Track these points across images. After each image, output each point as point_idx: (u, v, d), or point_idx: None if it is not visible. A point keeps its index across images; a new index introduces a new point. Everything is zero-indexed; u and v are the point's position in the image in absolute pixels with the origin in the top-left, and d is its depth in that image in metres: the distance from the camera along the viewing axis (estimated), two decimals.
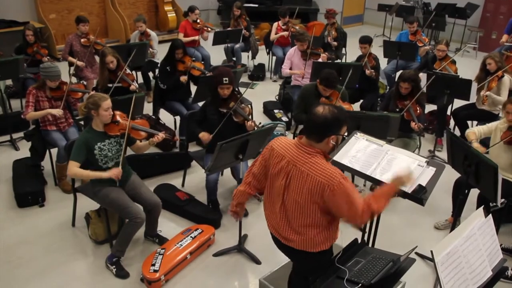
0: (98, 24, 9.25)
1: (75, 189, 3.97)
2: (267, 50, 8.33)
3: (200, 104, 4.81)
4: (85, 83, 6.13)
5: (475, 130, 4.17)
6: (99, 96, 3.51)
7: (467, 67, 6.99)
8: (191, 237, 3.84)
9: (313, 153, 2.38)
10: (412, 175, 2.75)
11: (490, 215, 2.59)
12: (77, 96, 4.70)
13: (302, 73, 6.03)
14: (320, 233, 2.49)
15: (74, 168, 3.44)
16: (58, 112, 4.39)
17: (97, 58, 5.84)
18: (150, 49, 6.71)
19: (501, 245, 3.88)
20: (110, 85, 4.96)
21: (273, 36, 7.94)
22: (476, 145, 3.97)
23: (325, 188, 2.30)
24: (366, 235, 3.37)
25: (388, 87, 6.88)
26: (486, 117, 5.53)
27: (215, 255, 3.85)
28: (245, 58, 8.41)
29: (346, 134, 2.50)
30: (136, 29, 6.86)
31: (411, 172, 2.76)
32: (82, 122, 5.03)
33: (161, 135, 3.72)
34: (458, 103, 5.71)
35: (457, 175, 3.97)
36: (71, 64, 6.47)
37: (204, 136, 4.18)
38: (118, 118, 3.63)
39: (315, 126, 2.36)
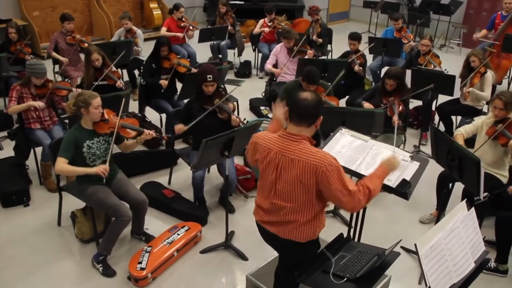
0: (82, 21, 9.17)
1: (61, 188, 3.94)
2: (253, 47, 8.34)
3: (186, 101, 4.80)
4: (69, 81, 6.08)
5: (462, 131, 4.20)
6: (89, 94, 3.48)
7: (451, 63, 7.06)
8: (177, 234, 3.84)
9: (299, 140, 2.44)
10: (397, 158, 2.78)
11: (473, 208, 2.62)
12: (62, 94, 4.66)
13: (278, 73, 6.06)
14: (309, 222, 2.52)
15: (61, 164, 3.40)
16: (39, 104, 4.32)
17: (82, 56, 5.79)
18: (135, 47, 6.68)
19: (484, 237, 3.96)
20: (96, 83, 4.93)
21: (256, 29, 7.95)
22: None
23: (318, 169, 2.35)
24: (352, 230, 3.39)
25: (373, 83, 6.93)
26: (469, 112, 5.60)
27: (202, 252, 3.85)
28: (231, 55, 8.41)
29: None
30: (121, 26, 6.82)
31: (395, 156, 2.80)
32: (67, 121, 4.99)
33: (151, 133, 3.71)
34: (442, 98, 5.77)
35: (441, 169, 4.02)
36: (55, 62, 6.41)
37: (178, 127, 4.15)
38: (107, 116, 3.61)
39: (310, 110, 2.44)
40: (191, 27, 7.43)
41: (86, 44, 6.15)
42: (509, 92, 4.02)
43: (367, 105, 4.81)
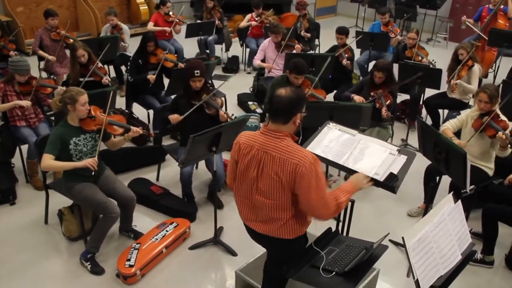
0: (68, 17, 9.05)
1: (47, 186, 3.91)
2: (241, 42, 8.31)
3: (173, 97, 4.77)
4: (55, 78, 6.01)
5: (448, 126, 4.22)
6: (76, 91, 3.44)
7: (438, 56, 7.09)
8: (166, 231, 3.82)
9: (282, 137, 2.42)
10: (368, 179, 2.79)
11: (460, 201, 2.64)
12: (47, 92, 4.61)
13: (269, 67, 6.05)
14: (294, 218, 2.52)
15: (48, 160, 3.37)
16: (26, 103, 4.29)
17: (68, 53, 5.73)
18: (122, 43, 6.62)
19: (471, 230, 4.00)
20: (82, 79, 4.89)
21: (243, 23, 7.92)
22: (457, 141, 4.02)
23: (297, 168, 2.34)
24: (340, 224, 3.40)
25: (361, 77, 6.95)
26: (456, 105, 5.65)
27: (191, 248, 3.84)
28: (219, 50, 8.37)
29: (306, 112, 2.54)
30: (107, 22, 6.75)
31: (367, 176, 2.81)
32: (53, 118, 4.94)
33: (138, 130, 3.68)
34: (429, 92, 5.81)
35: (428, 162, 4.04)
36: (41, 58, 6.33)
37: (173, 117, 4.13)
38: (94, 113, 3.58)
39: (282, 108, 2.41)
40: (181, 22, 7.37)
41: (71, 40, 6.08)
42: (493, 85, 4.06)
43: (357, 98, 4.81)
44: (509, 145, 3.80)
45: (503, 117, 3.95)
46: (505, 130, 3.80)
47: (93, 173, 3.44)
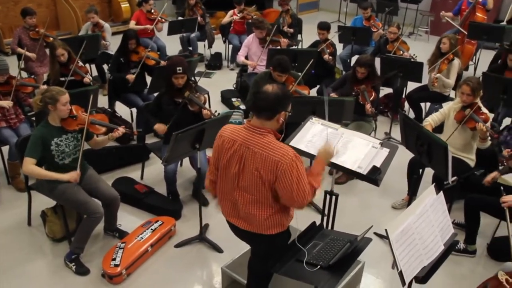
0: (48, 16, 8.91)
1: (29, 187, 3.85)
2: (224, 38, 8.29)
3: (156, 95, 4.74)
4: (35, 78, 5.92)
5: (430, 121, 4.26)
6: (57, 90, 3.39)
7: (420, 50, 7.16)
8: (151, 229, 3.81)
9: (264, 133, 2.42)
10: (331, 146, 2.79)
11: (441, 192, 2.67)
12: (27, 91, 4.55)
13: (253, 65, 6.05)
14: (276, 214, 2.53)
15: (30, 165, 3.32)
16: (8, 104, 4.23)
17: (48, 52, 5.65)
18: (103, 41, 6.55)
19: (454, 220, 4.07)
20: (62, 78, 4.83)
21: (225, 19, 7.90)
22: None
23: (278, 165, 2.35)
24: (325, 218, 3.42)
25: (343, 72, 6.98)
26: (437, 98, 5.72)
27: (177, 246, 3.83)
28: (202, 47, 8.34)
29: (291, 111, 2.55)
30: (88, 20, 6.68)
31: (328, 143, 2.82)
32: (34, 118, 4.88)
33: (121, 130, 3.66)
34: (412, 86, 5.86)
35: (411, 155, 4.08)
36: (20, 58, 6.23)
37: (160, 127, 4.14)
38: (75, 112, 3.54)
39: (267, 104, 2.41)
40: (163, 20, 7.33)
41: (51, 39, 5.99)
42: (476, 78, 4.10)
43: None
44: (488, 137, 3.85)
45: (484, 110, 4.00)
46: (486, 122, 3.86)
47: (75, 188, 3.43)
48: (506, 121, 5.66)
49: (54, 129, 3.44)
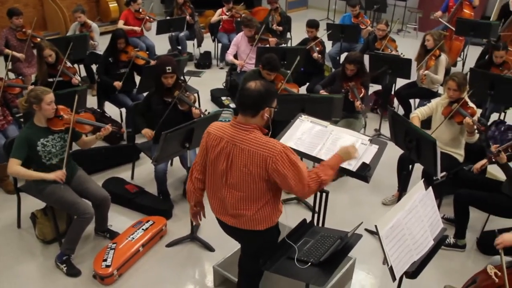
0: (35, 16, 8.83)
1: (18, 189, 3.82)
2: (212, 37, 8.28)
3: (146, 94, 4.73)
4: (23, 79, 5.87)
5: (418, 113, 4.29)
6: (41, 90, 3.38)
7: (408, 47, 7.21)
8: (142, 229, 3.80)
9: (250, 129, 2.43)
10: (356, 148, 2.81)
11: (430, 187, 2.70)
12: (15, 92, 4.52)
13: (241, 65, 6.05)
14: (264, 209, 2.53)
15: (15, 166, 3.31)
16: None
17: (35, 52, 5.61)
18: (91, 41, 6.51)
19: (443, 215, 4.10)
20: (50, 79, 4.80)
21: (214, 18, 7.89)
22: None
23: (268, 160, 2.35)
24: (315, 215, 3.43)
25: (333, 70, 7.00)
26: (426, 95, 5.75)
27: (168, 245, 3.83)
28: (191, 46, 8.32)
29: (277, 107, 2.55)
30: (75, 20, 6.63)
31: (354, 146, 2.84)
32: (22, 120, 4.84)
33: (108, 128, 3.64)
34: (401, 82, 5.90)
35: (401, 151, 4.11)
36: (7, 59, 6.18)
37: (147, 133, 4.14)
38: (61, 112, 3.52)
39: (250, 100, 2.42)
40: (151, 19, 7.29)
41: (38, 39, 5.95)
42: (461, 73, 4.14)
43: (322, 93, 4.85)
44: (476, 131, 3.89)
45: (471, 104, 4.04)
46: (473, 116, 3.89)
47: (62, 186, 3.40)
48: (494, 117, 5.72)
49: (40, 129, 3.42)
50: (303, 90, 6.00)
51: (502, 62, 5.39)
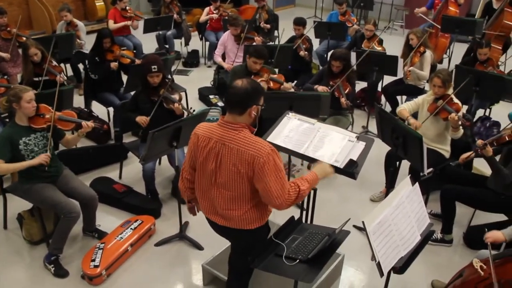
0: (20, 15, 8.74)
1: (4, 190, 3.78)
2: (200, 36, 8.26)
3: (132, 93, 4.71)
4: (8, 78, 5.81)
5: (405, 107, 4.33)
6: (20, 88, 3.35)
7: (396, 44, 7.25)
8: (131, 229, 3.78)
9: (239, 128, 2.43)
10: (332, 169, 2.84)
11: (417, 183, 2.72)
12: (0, 92, 4.45)
13: (228, 68, 6.05)
14: (254, 209, 2.54)
15: None
16: None
17: (21, 52, 5.55)
18: (78, 40, 6.46)
19: (431, 211, 4.14)
20: (36, 79, 4.76)
21: (202, 17, 7.87)
22: (412, 121, 4.14)
23: (255, 159, 2.35)
24: (304, 212, 3.45)
25: (320, 67, 7.03)
26: (413, 91, 5.79)
27: (157, 244, 3.82)
28: (178, 45, 8.29)
29: (264, 105, 2.55)
30: (61, 19, 6.57)
31: (330, 165, 2.86)
32: (8, 120, 4.78)
33: (89, 124, 3.60)
34: (388, 79, 5.93)
35: (388, 148, 4.13)
36: None
37: (142, 119, 4.09)
38: (43, 110, 3.49)
39: (237, 99, 2.42)
40: (135, 16, 7.25)
41: (24, 39, 5.88)
42: (446, 70, 4.18)
43: (320, 88, 4.84)
44: (460, 126, 3.93)
45: (456, 100, 4.08)
46: (458, 112, 3.93)
47: (46, 168, 3.37)
48: (480, 113, 5.79)
49: (21, 128, 3.39)
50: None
51: (486, 59, 5.46)
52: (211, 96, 6.34)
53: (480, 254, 3.05)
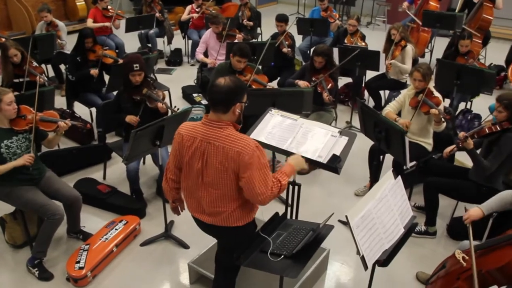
0: None
1: None
2: (183, 34, 8.23)
3: (115, 93, 4.67)
4: None
5: (390, 109, 4.35)
6: None
7: (378, 39, 7.29)
8: (116, 229, 3.76)
9: (223, 126, 2.42)
10: (303, 161, 2.84)
11: (399, 176, 2.74)
12: None
13: (212, 63, 6.03)
14: (242, 205, 2.55)
15: None
16: None
17: (0, 53, 5.47)
18: (59, 40, 6.38)
19: (414, 204, 4.18)
20: (16, 80, 4.69)
21: (184, 16, 7.84)
22: (402, 121, 4.15)
23: (240, 155, 2.36)
24: (289, 208, 3.46)
25: (303, 63, 7.04)
26: (395, 86, 5.85)
27: (143, 244, 3.80)
28: (161, 43, 8.24)
29: (247, 102, 2.55)
30: (41, 19, 6.49)
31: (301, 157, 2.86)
32: None
33: (67, 122, 3.55)
34: (371, 74, 5.97)
35: (372, 143, 4.16)
36: None
37: (132, 119, 4.06)
38: (24, 112, 3.44)
39: (221, 97, 2.41)
40: (117, 16, 7.19)
41: (3, 39, 5.80)
42: (426, 64, 4.22)
43: (301, 83, 4.87)
44: (442, 120, 3.97)
45: (436, 94, 4.12)
46: (438, 106, 3.98)
47: (30, 168, 3.33)
48: (462, 106, 5.85)
49: (2, 131, 3.34)
50: (274, 84, 6.02)
51: (467, 51, 5.52)
52: (194, 95, 6.32)
53: (462, 245, 3.09)
